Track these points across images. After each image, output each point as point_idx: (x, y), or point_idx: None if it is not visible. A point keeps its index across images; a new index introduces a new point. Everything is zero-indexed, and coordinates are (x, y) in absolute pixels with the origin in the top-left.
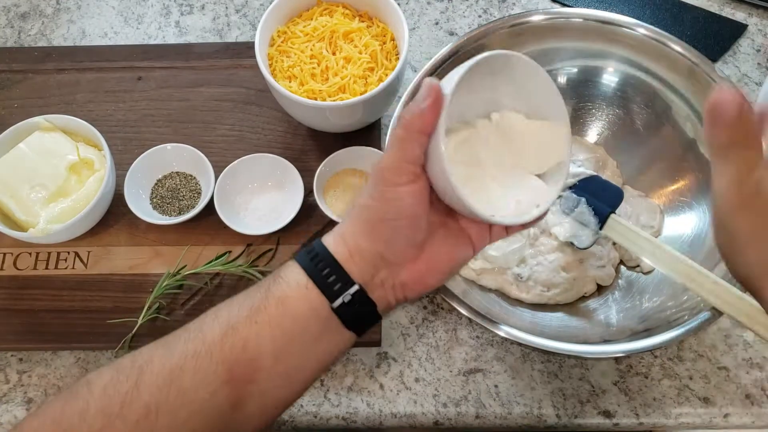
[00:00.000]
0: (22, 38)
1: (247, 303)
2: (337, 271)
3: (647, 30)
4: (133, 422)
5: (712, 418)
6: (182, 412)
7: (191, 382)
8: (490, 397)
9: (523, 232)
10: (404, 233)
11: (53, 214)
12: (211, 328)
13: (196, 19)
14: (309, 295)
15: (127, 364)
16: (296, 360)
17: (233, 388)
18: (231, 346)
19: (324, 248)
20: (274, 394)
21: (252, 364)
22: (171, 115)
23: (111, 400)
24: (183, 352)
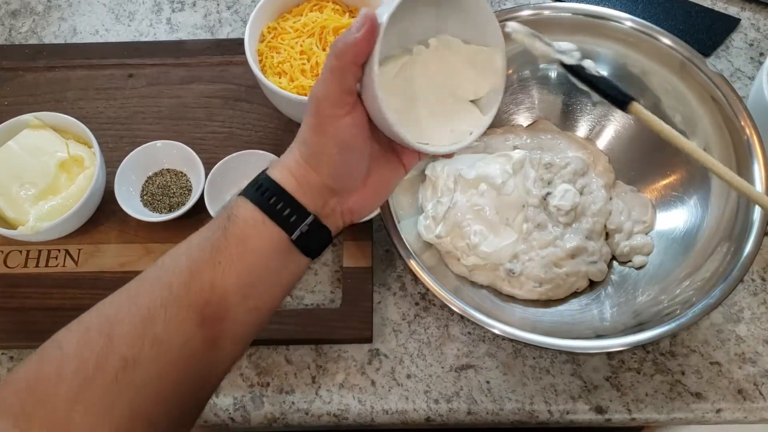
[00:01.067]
0: (13, 36)
1: (206, 245)
2: (291, 204)
3: (636, 24)
4: (111, 378)
5: (705, 414)
6: (160, 361)
7: (164, 330)
8: (481, 393)
9: (515, 228)
10: (348, 165)
11: (43, 211)
12: (174, 274)
13: (187, 16)
14: (267, 230)
15: (94, 320)
16: (262, 293)
17: (207, 329)
18: (198, 289)
19: (273, 182)
20: (245, 328)
21: (221, 303)
22: (161, 112)
23: (86, 358)
24: (150, 302)
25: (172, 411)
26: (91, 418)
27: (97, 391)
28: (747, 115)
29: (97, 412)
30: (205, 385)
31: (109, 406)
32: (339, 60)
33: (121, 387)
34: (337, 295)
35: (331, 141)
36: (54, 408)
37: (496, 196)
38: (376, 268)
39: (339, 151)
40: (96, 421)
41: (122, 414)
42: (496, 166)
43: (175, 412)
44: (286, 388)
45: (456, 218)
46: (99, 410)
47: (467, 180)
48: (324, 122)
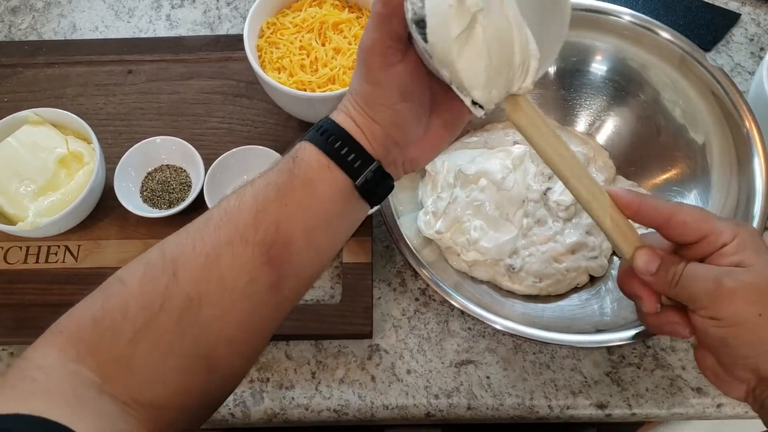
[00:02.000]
0: (13, 32)
1: (272, 186)
2: (356, 150)
3: (636, 18)
4: (177, 316)
5: (705, 408)
6: (225, 300)
7: (230, 269)
8: (481, 389)
9: (516, 223)
10: (409, 115)
11: (42, 207)
12: (240, 213)
13: (186, 12)
14: (332, 175)
15: (156, 257)
16: (325, 237)
17: (271, 269)
18: (265, 229)
19: (338, 127)
20: (306, 271)
21: (287, 245)
22: (161, 108)
23: (151, 295)
24: (215, 240)
25: (232, 351)
26: (154, 356)
27: (161, 329)
28: (747, 110)
29: (161, 349)
30: (265, 327)
31: (172, 344)
32: (384, 5)
33: (185, 326)
34: (337, 290)
35: (388, 91)
36: (118, 343)
37: (496, 191)
38: (376, 263)
39: (398, 101)
40: (159, 358)
41: (185, 353)
42: (496, 162)
43: (235, 354)
44: (286, 383)
45: (456, 213)
46: (162, 348)
47: (467, 175)
48: (376, 73)
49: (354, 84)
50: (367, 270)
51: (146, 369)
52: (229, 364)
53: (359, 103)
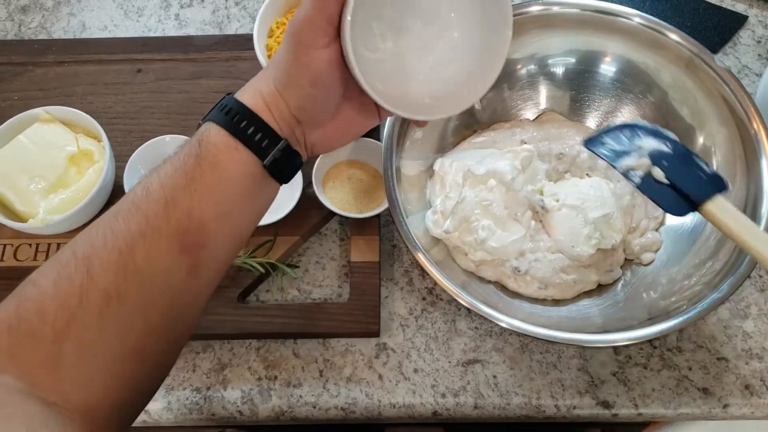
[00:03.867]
0: (23, 31)
1: (179, 172)
2: (263, 129)
3: (644, 20)
4: (96, 312)
5: (711, 409)
6: (144, 292)
7: (146, 261)
8: (488, 388)
9: (523, 224)
10: (316, 101)
11: (53, 205)
12: (149, 203)
13: (195, 11)
14: (240, 156)
15: (68, 257)
16: (238, 218)
17: (187, 257)
18: (177, 218)
19: (243, 106)
20: (223, 254)
21: (200, 230)
22: (170, 107)
23: (67, 293)
24: (127, 234)
25: (160, 342)
26: (80, 353)
27: (83, 327)
28: (755, 111)
29: (86, 349)
30: (188, 313)
31: (96, 341)
32: None
33: (107, 321)
34: (344, 289)
35: (304, 72)
36: (40, 346)
37: (505, 191)
38: (384, 262)
39: (309, 85)
40: (86, 356)
41: (111, 349)
42: (505, 162)
43: (163, 344)
44: (293, 381)
45: (464, 213)
46: (88, 347)
47: (476, 175)
48: (300, 50)
49: (274, 58)
50: (374, 269)
51: (75, 368)
52: (158, 353)
53: (274, 78)
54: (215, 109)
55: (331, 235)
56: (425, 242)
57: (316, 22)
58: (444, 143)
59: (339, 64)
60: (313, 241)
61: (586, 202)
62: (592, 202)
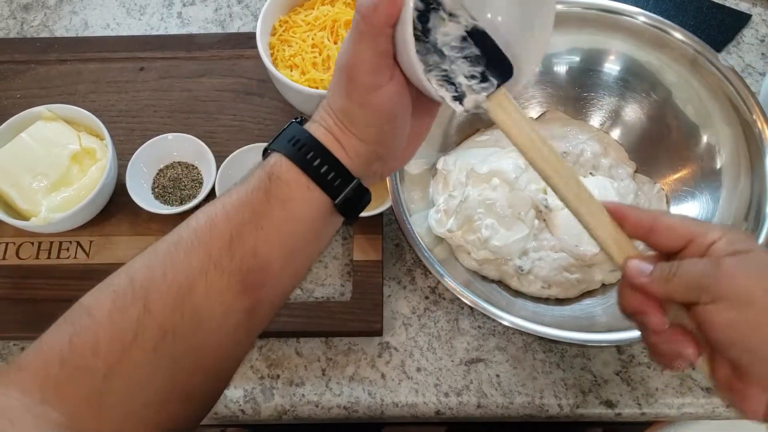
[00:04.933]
0: (25, 29)
1: (246, 207)
2: (336, 168)
3: (648, 18)
4: (151, 349)
5: (715, 408)
6: (200, 332)
7: (205, 299)
8: (491, 387)
9: (527, 223)
10: (397, 134)
11: (55, 203)
12: (211, 236)
13: (198, 10)
14: (311, 195)
15: (124, 285)
16: (302, 257)
17: (247, 297)
18: (241, 256)
19: (315, 141)
20: (283, 292)
21: (263, 271)
22: (173, 106)
23: (122, 327)
24: (188, 268)
25: (208, 380)
26: (127, 391)
27: (135, 364)
28: (759, 110)
29: (135, 384)
30: (240, 352)
31: (146, 379)
32: (368, 24)
33: (160, 359)
34: (347, 288)
35: (378, 113)
36: (89, 382)
37: (509, 190)
38: (386, 261)
39: (387, 122)
40: (133, 393)
41: (159, 387)
42: (509, 161)
43: (211, 381)
44: (296, 380)
45: (467, 212)
46: (136, 384)
47: (480, 174)
48: (363, 94)
49: (335, 101)
50: (377, 268)
51: (119, 406)
52: (205, 392)
53: (341, 121)
54: (282, 139)
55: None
56: (428, 241)
57: (374, 62)
58: (447, 142)
59: (406, 88)
60: None
61: None
62: None
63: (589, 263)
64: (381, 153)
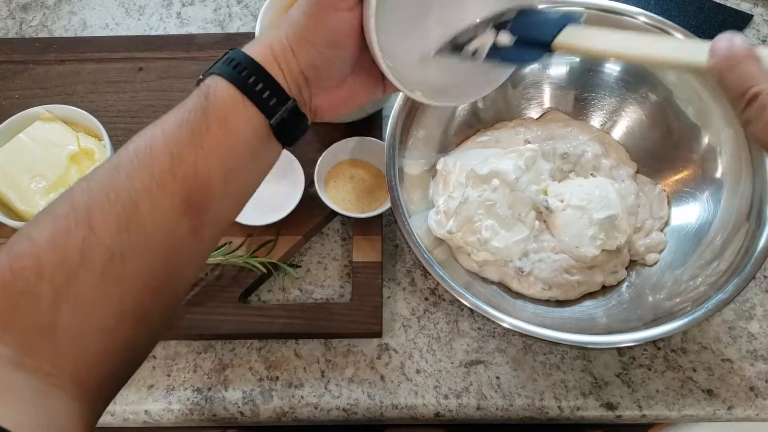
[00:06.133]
0: (24, 29)
1: (185, 126)
2: (272, 86)
3: (650, 19)
4: (99, 271)
5: (716, 411)
6: (147, 253)
7: (150, 218)
8: (491, 389)
9: (527, 224)
10: (331, 62)
11: None
12: (152, 157)
13: (197, 10)
14: (247, 113)
15: (65, 210)
16: (242, 179)
17: (191, 217)
18: (183, 175)
19: (252, 61)
20: (225, 214)
21: (206, 189)
22: (172, 106)
23: (67, 249)
24: (130, 188)
25: (157, 302)
26: (78, 318)
27: (84, 287)
28: None
29: (85, 309)
30: (187, 274)
31: (97, 302)
32: None
33: (109, 281)
34: (346, 289)
35: (322, 31)
36: (37, 307)
37: (509, 191)
38: (386, 263)
39: (326, 45)
40: (83, 320)
41: (111, 311)
42: (510, 162)
43: (160, 304)
44: (295, 382)
45: (467, 213)
46: (87, 308)
47: (480, 175)
48: (321, 10)
49: (290, 15)
50: (376, 269)
51: (70, 332)
52: (154, 313)
53: (288, 35)
54: (221, 63)
55: (333, 235)
56: (428, 242)
57: None
58: (447, 142)
59: (358, 30)
60: (315, 240)
61: (591, 203)
62: (597, 202)
63: (590, 265)
64: (310, 77)
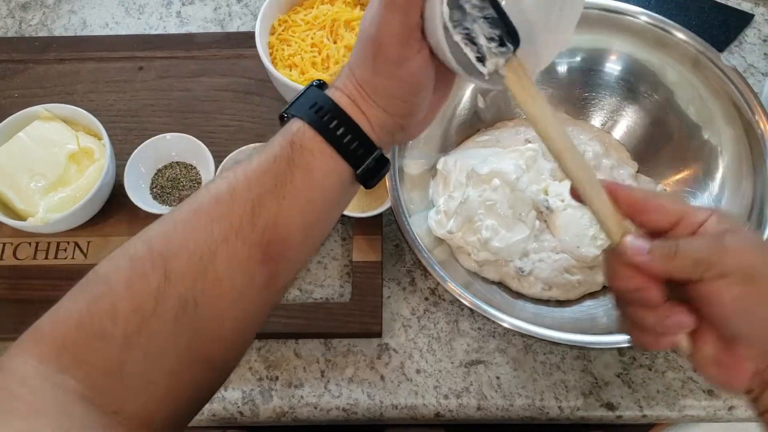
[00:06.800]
0: (23, 28)
1: (269, 176)
2: (360, 137)
3: (650, 18)
4: (171, 319)
5: (717, 411)
6: (221, 301)
7: (226, 268)
8: (491, 389)
9: (528, 224)
10: (421, 105)
11: (53, 203)
12: (233, 204)
13: (197, 9)
14: (335, 165)
15: (142, 252)
16: (321, 227)
17: (267, 268)
18: (263, 226)
19: (340, 110)
20: (300, 262)
21: (284, 242)
22: (171, 105)
23: (141, 296)
24: (208, 236)
25: (227, 350)
26: (147, 363)
27: (154, 334)
28: (762, 110)
29: (155, 356)
30: (258, 322)
31: (166, 348)
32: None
33: (180, 329)
34: (346, 289)
35: (405, 86)
36: (108, 351)
37: (509, 191)
38: (386, 262)
39: (413, 95)
40: (152, 364)
41: (180, 357)
42: (510, 162)
43: (230, 351)
44: (295, 382)
45: (468, 213)
46: (156, 353)
47: (480, 175)
48: (390, 66)
49: (359, 71)
50: (376, 269)
51: (138, 376)
52: (224, 361)
53: (365, 91)
54: (303, 104)
55: (333, 235)
56: (428, 242)
57: (403, 34)
58: (447, 142)
59: (432, 61)
60: None
61: None
62: None
63: (591, 265)
64: (405, 124)
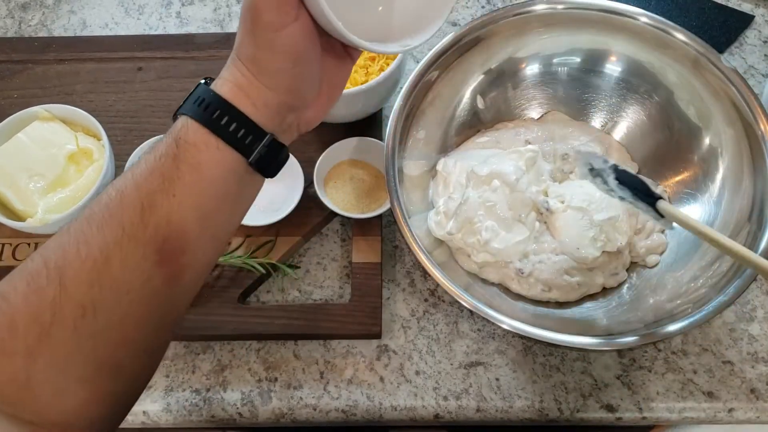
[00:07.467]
0: (23, 29)
1: (155, 174)
2: (246, 125)
3: (650, 19)
4: (71, 326)
5: (717, 413)
6: (120, 304)
7: (121, 271)
8: (491, 391)
9: (528, 225)
10: (306, 78)
11: (52, 203)
12: (122, 208)
13: (197, 9)
14: (222, 155)
15: (38, 266)
16: (221, 219)
17: (166, 266)
18: (155, 225)
19: (223, 101)
20: (204, 258)
21: (180, 237)
22: (171, 106)
23: (38, 307)
24: (102, 242)
25: (137, 353)
26: (53, 372)
27: (56, 343)
28: (762, 112)
29: (60, 364)
30: (167, 321)
31: (71, 357)
32: None
33: (82, 336)
34: (345, 290)
35: (284, 55)
36: (11, 363)
37: (509, 192)
38: (386, 263)
39: (294, 65)
40: (59, 374)
41: (86, 363)
42: (510, 163)
43: (140, 354)
44: (294, 383)
45: (468, 214)
46: (61, 362)
47: (480, 176)
48: (268, 34)
49: (242, 48)
50: (376, 270)
51: (47, 385)
52: (134, 366)
53: (249, 69)
54: (189, 102)
55: (332, 236)
56: (428, 243)
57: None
58: (447, 143)
59: (313, 30)
60: (314, 241)
61: (592, 204)
62: (597, 203)
63: (590, 266)
64: (292, 102)
